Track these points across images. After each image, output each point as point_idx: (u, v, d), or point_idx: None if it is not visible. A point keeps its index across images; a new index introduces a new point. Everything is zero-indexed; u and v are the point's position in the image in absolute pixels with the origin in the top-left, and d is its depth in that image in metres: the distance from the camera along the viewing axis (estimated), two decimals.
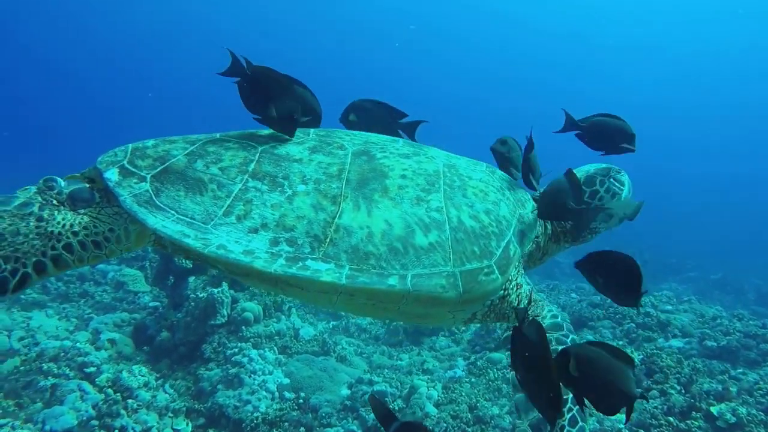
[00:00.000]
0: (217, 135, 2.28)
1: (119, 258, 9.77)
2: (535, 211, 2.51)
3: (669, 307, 9.75)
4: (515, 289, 2.31)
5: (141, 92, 53.42)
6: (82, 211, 2.00)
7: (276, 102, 2.29)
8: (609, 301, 9.54)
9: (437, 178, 2.20)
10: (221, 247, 1.86)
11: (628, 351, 7.71)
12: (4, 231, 1.82)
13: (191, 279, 7.20)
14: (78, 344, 5.77)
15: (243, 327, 6.64)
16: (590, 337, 8.23)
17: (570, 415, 2.04)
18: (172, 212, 1.94)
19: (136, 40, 51.02)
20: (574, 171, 2.62)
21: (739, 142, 55.85)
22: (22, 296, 7.88)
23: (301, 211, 1.97)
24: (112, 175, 1.99)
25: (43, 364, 5.30)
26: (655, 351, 6.35)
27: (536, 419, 2.12)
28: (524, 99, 57.06)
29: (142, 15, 48.83)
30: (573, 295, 11.75)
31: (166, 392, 5.54)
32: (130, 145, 2.14)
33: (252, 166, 2.08)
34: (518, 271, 2.33)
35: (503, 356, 7.20)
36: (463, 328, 8.38)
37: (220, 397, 5.67)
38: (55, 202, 1.98)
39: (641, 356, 6.59)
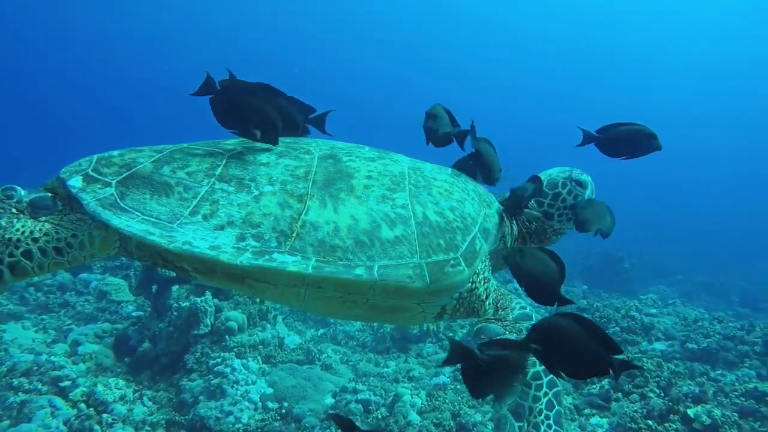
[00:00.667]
0: (185, 144, 2.29)
1: (103, 267, 9.70)
2: (501, 211, 2.58)
3: (653, 311, 9.85)
4: (483, 282, 2.36)
5: (139, 96, 53.28)
6: (43, 218, 1.98)
7: (252, 114, 2.30)
8: (595, 305, 9.63)
9: (402, 178, 2.28)
10: (187, 243, 1.87)
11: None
12: None
13: (174, 288, 7.15)
14: (53, 357, 5.69)
15: (227, 336, 6.60)
16: None
17: (546, 399, 2.07)
18: (138, 213, 1.94)
19: (131, 44, 50.93)
20: (539, 175, 2.70)
21: (726, 148, 57.02)
22: None
23: (267, 209, 2.01)
24: (75, 182, 1.99)
25: (14, 380, 5.20)
26: (636, 355, 6.39)
27: (515, 404, 2.12)
28: (517, 106, 57.88)
29: (138, 18, 48.74)
30: None
31: (144, 405, 5.49)
32: (96, 155, 2.13)
33: (219, 170, 2.11)
34: (485, 266, 2.37)
35: None
36: (450, 334, 8.40)
37: (201, 409, 5.62)
38: (14, 210, 1.95)
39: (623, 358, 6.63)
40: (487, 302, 2.39)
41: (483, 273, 2.36)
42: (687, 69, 55.56)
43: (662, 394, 5.95)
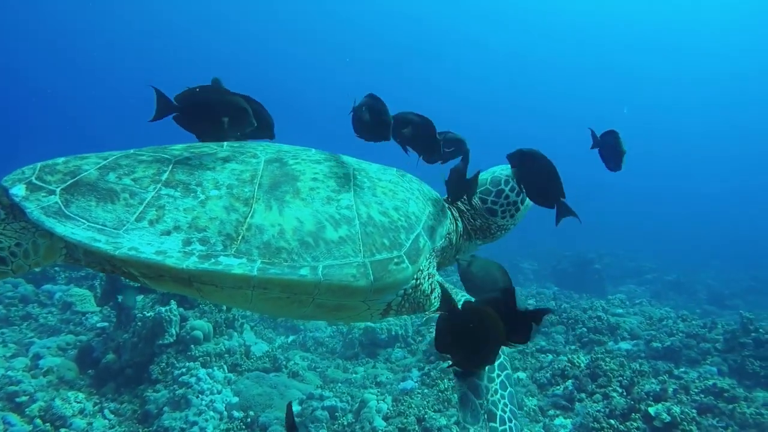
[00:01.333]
0: (131, 150, 2.29)
1: (68, 277, 9.51)
2: (445, 209, 2.64)
3: (620, 311, 10.03)
4: (427, 278, 2.41)
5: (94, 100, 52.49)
6: None
7: (215, 116, 2.39)
8: (563, 306, 9.75)
9: (347, 180, 2.31)
10: (133, 249, 1.86)
11: (581, 354, 7.92)
12: None
13: (139, 298, 7.06)
14: (10, 372, 5.56)
15: (192, 346, 6.53)
16: (543, 344, 8.39)
17: (499, 380, 2.16)
18: (83, 221, 1.92)
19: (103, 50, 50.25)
20: (483, 172, 2.78)
21: (696, 153, 59.13)
22: None
23: (213, 213, 2.01)
24: (18, 190, 1.96)
25: None
26: (599, 356, 6.51)
27: (473, 384, 2.18)
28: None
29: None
30: (530, 301, 11.95)
31: (105, 418, 5.40)
32: (39, 163, 2.12)
33: (165, 175, 2.10)
34: (430, 263, 2.43)
35: None
36: (419, 338, 8.44)
37: (166, 420, 5.56)
38: None
39: (587, 359, 6.75)
40: (432, 296, 2.46)
41: (428, 269, 2.41)
42: (665, 80, 57.22)
43: (625, 394, 6.07)
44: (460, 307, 1.91)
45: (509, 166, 2.73)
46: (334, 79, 59.16)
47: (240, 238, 1.97)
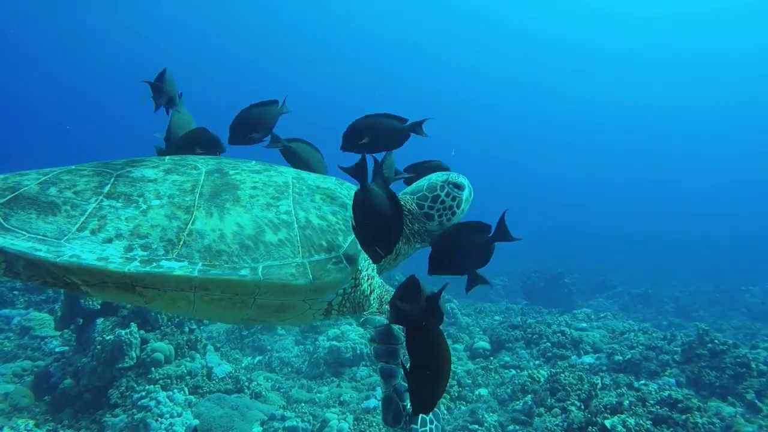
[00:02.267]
0: (73, 166, 2.34)
1: (27, 301, 9.32)
2: None
3: (583, 325, 10.22)
4: (366, 279, 2.50)
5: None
6: None
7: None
8: (528, 321, 9.90)
9: (286, 188, 2.40)
10: (74, 257, 1.89)
11: (545, 369, 8.04)
12: None
13: (99, 321, 6.96)
14: None
15: (153, 368, 6.46)
16: (508, 359, 8.50)
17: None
18: (23, 232, 1.93)
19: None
20: (419, 183, 2.90)
21: (663, 167, 61.25)
22: None
23: (155, 221, 2.06)
24: None
25: None
26: (558, 370, 6.63)
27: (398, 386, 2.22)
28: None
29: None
30: (497, 317, 12.10)
31: None
32: None
33: (107, 188, 2.14)
34: (368, 264, 2.51)
35: None
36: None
37: None
38: None
39: (547, 374, 6.87)
40: (372, 297, 2.54)
41: (366, 270, 2.49)
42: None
43: (583, 407, 6.19)
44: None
45: (445, 172, 2.91)
46: (328, 78, 59.89)
47: (181, 243, 2.03)
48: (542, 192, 62.83)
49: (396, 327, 2.28)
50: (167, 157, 2.50)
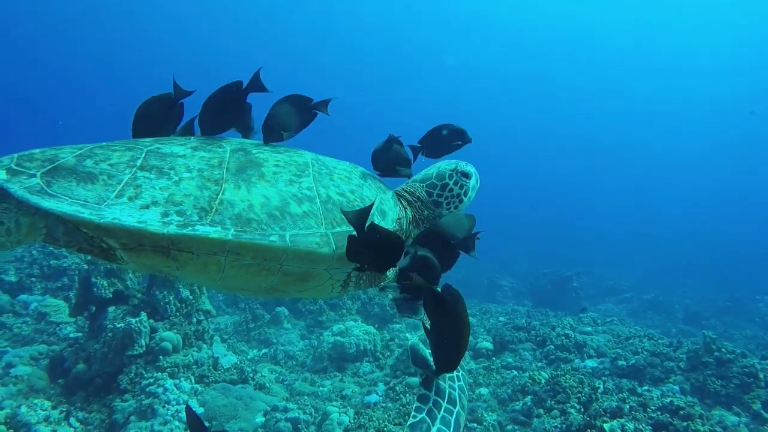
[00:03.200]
0: (104, 143, 2.45)
1: (43, 288, 9.57)
2: (395, 198, 2.90)
3: (588, 329, 10.23)
4: None
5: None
6: None
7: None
8: (532, 323, 9.94)
9: (306, 167, 2.54)
10: (116, 219, 2.00)
11: (547, 372, 8.10)
12: None
13: (111, 309, 7.16)
14: None
15: (161, 357, 6.63)
16: (510, 360, 8.56)
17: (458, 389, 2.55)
18: (66, 197, 2.04)
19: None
20: (428, 170, 3.03)
21: (677, 171, 60.20)
22: None
23: (187, 191, 2.19)
24: None
25: None
26: (559, 372, 6.69)
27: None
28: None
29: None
30: (501, 318, 12.14)
31: (71, 426, 5.48)
32: (16, 154, 2.25)
33: (139, 161, 2.26)
34: None
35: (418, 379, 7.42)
36: (388, 353, 8.58)
37: (132, 429, 5.65)
38: None
39: (548, 375, 6.93)
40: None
41: None
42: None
43: (582, 410, 6.24)
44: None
45: (454, 161, 3.03)
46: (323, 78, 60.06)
47: (213, 210, 2.16)
48: (555, 190, 62.54)
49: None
50: (192, 137, 2.64)
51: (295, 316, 10.75)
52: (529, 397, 6.45)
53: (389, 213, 2.74)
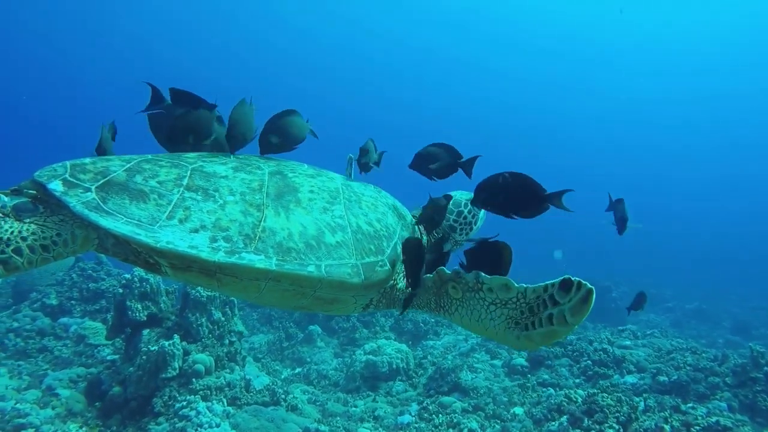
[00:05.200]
0: (149, 156, 2.55)
1: (83, 311, 9.85)
2: (413, 221, 3.07)
3: (627, 342, 9.89)
4: (402, 279, 2.78)
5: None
6: (27, 220, 2.16)
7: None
8: (569, 337, 9.69)
9: (338, 193, 2.68)
10: (170, 243, 2.12)
11: (580, 390, 7.85)
12: None
13: (145, 332, 7.30)
14: (19, 405, 5.80)
15: (194, 379, 6.71)
16: (546, 377, 8.33)
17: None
18: (121, 216, 2.15)
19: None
20: (450, 194, 3.22)
21: (720, 174, 58.00)
22: None
23: (232, 216, 2.30)
24: (56, 186, 2.17)
25: None
26: (596, 391, 6.46)
27: None
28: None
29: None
30: None
31: None
32: (68, 162, 2.34)
33: (186, 180, 2.37)
34: (402, 266, 2.75)
35: (454, 399, 7.30)
36: (421, 371, 8.47)
37: None
38: (0, 214, 2.14)
39: (584, 393, 6.70)
40: (408, 290, 2.78)
41: (402, 272, 2.76)
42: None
43: (621, 430, 6.00)
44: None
45: (468, 192, 3.18)
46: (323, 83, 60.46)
47: (257, 238, 2.28)
48: (587, 195, 61.16)
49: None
50: (231, 156, 2.73)
51: (329, 334, 10.75)
52: (565, 417, 6.24)
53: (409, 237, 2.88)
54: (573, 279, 2.05)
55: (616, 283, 18.46)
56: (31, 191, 2.26)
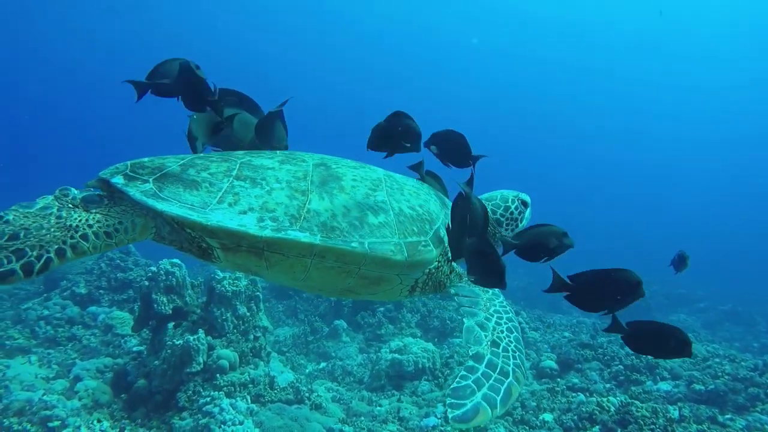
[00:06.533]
0: (201, 154, 2.81)
1: (110, 300, 9.95)
2: None
3: None
4: (446, 263, 2.91)
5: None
6: (93, 210, 2.40)
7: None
8: (599, 341, 9.42)
9: (380, 182, 2.82)
10: (220, 221, 2.31)
11: (611, 396, 7.59)
12: (30, 226, 2.19)
13: (170, 325, 7.29)
14: (46, 396, 5.82)
15: (218, 375, 6.67)
16: (576, 381, 8.10)
17: (505, 325, 2.78)
18: (175, 201, 2.36)
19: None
20: (492, 194, 3.35)
21: (756, 172, 56.14)
22: (7, 342, 8.05)
23: (279, 200, 2.47)
24: (118, 180, 2.42)
25: (5, 420, 5.38)
26: (630, 401, 6.22)
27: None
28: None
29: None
30: (566, 333, 11.57)
31: None
32: (128, 161, 2.57)
33: (235, 172, 2.57)
34: (447, 250, 2.87)
35: None
36: (447, 371, 8.32)
37: None
38: (70, 205, 2.38)
39: (617, 402, 6.46)
40: (452, 275, 2.99)
41: (446, 255, 2.88)
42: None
43: None
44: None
45: (515, 191, 3.35)
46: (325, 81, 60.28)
47: (302, 218, 2.43)
48: (617, 191, 59.98)
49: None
50: (278, 151, 2.91)
51: (354, 329, 10.65)
52: (597, 427, 6.03)
53: None
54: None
55: (647, 283, 17.87)
56: (91, 186, 2.54)
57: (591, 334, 10.96)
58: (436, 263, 2.80)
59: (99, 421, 5.78)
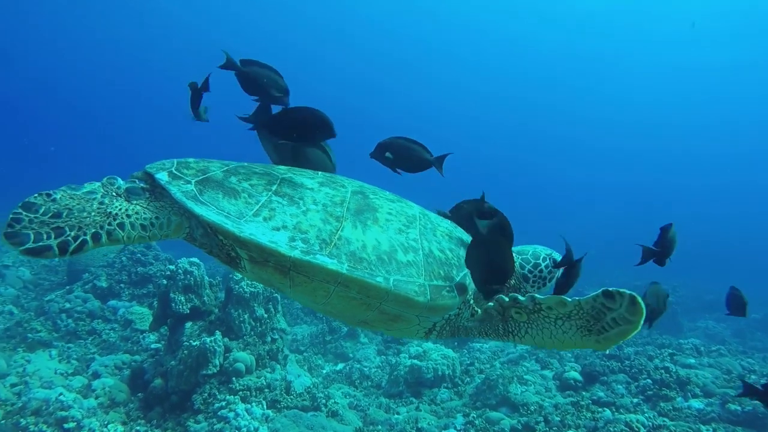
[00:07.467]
0: (245, 163, 2.84)
1: (131, 294, 9.95)
2: None
3: (692, 361, 9.19)
4: (468, 310, 2.82)
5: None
6: (135, 201, 2.48)
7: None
8: (626, 352, 9.07)
9: (414, 219, 2.81)
10: (252, 234, 2.32)
11: (645, 410, 7.29)
12: (73, 207, 2.29)
13: (188, 325, 7.22)
14: (62, 396, 5.78)
15: (234, 378, 6.57)
16: (602, 395, 7.81)
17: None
18: (213, 207, 2.40)
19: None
20: (525, 247, 3.23)
21: None
22: (29, 335, 8.07)
23: (312, 222, 2.48)
24: (163, 176, 2.49)
25: (22, 419, 5.35)
26: (661, 423, 5.93)
27: None
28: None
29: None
30: None
31: None
32: (175, 159, 2.64)
33: (275, 187, 2.60)
34: (472, 298, 2.83)
35: (502, 415, 6.90)
36: (468, 378, 8.11)
37: None
38: (114, 194, 2.46)
39: (648, 424, 6.17)
40: (471, 321, 2.88)
41: (470, 302, 2.82)
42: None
43: None
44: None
45: (548, 248, 3.23)
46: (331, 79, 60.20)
47: (332, 244, 2.43)
48: (643, 191, 58.71)
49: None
50: (319, 173, 2.94)
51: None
52: None
53: None
54: (611, 290, 2.14)
55: (673, 287, 17.43)
56: (136, 178, 2.60)
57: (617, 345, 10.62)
58: (457, 310, 2.75)
59: (111, 423, 5.69)
